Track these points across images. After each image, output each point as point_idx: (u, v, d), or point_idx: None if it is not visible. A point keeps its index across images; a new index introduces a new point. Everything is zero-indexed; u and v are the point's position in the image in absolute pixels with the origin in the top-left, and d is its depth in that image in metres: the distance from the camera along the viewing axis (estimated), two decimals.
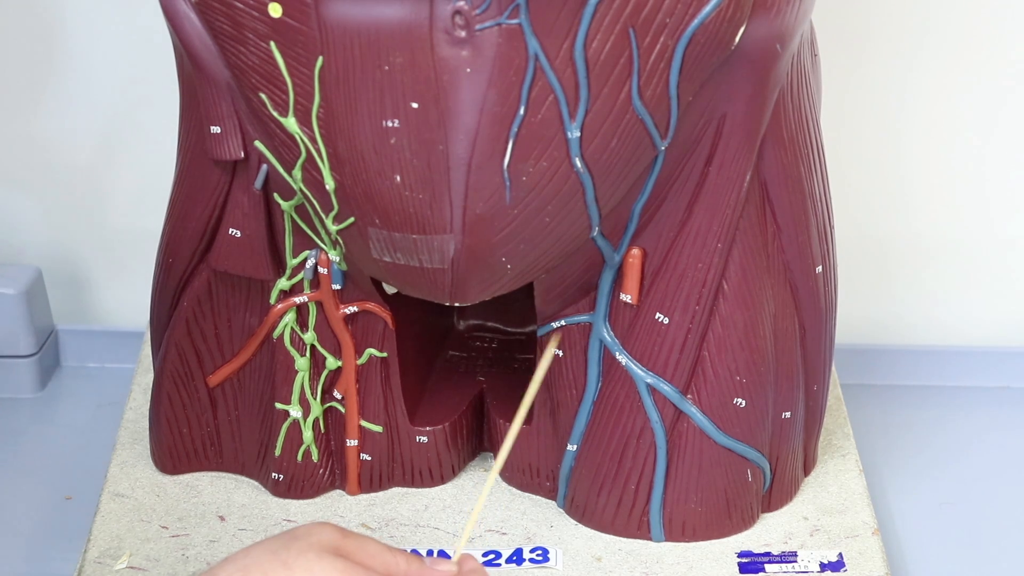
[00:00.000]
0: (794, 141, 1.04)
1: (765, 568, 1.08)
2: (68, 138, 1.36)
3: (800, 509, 1.13)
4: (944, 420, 1.31)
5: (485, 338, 1.22)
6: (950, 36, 1.31)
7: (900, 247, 1.38)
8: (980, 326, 1.39)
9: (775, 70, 1.00)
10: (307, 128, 0.99)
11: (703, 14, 0.95)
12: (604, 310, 1.07)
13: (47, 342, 1.35)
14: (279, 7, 0.95)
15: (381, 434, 1.13)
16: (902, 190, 1.36)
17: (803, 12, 0.99)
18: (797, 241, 1.06)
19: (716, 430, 1.07)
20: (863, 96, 1.33)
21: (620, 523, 1.10)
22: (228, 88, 1.02)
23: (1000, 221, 1.37)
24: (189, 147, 1.07)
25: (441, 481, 1.15)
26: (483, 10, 0.93)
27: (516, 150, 0.97)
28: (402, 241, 1.00)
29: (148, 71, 1.33)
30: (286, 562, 0.90)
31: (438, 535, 1.10)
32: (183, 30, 1.01)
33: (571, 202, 0.99)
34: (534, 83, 0.95)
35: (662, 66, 0.96)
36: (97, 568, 1.07)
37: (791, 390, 1.09)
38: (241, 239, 1.07)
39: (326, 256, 1.07)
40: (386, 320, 1.10)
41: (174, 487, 1.15)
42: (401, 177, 0.98)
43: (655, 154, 1.00)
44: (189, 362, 1.12)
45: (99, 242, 1.40)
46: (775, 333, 1.07)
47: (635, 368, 1.06)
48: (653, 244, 1.05)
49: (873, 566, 1.08)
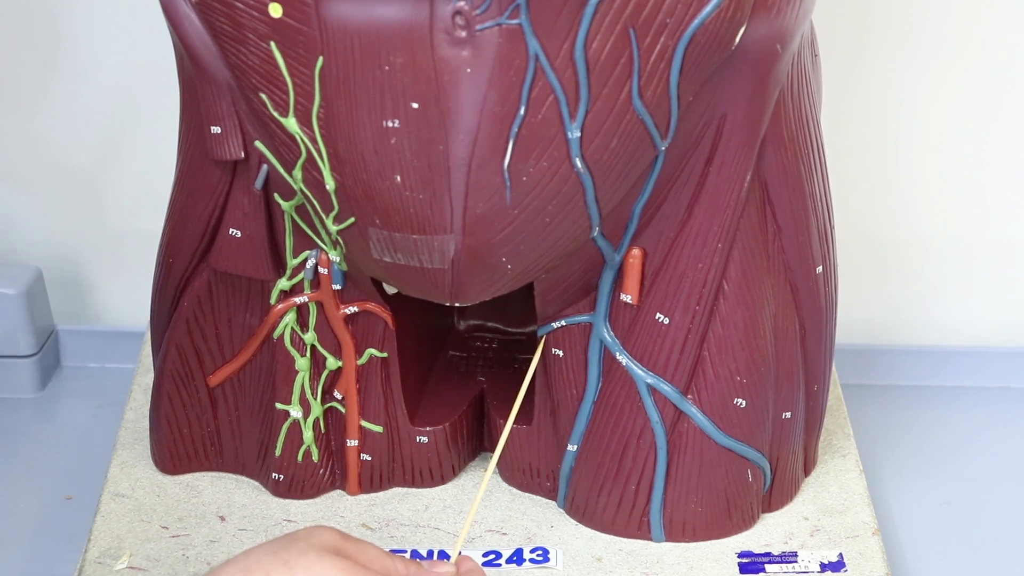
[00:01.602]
0: (794, 141, 1.04)
1: (765, 568, 1.08)
2: (68, 138, 1.37)
3: (800, 509, 1.13)
4: (944, 420, 1.31)
5: (485, 338, 1.22)
6: (950, 36, 1.31)
7: (900, 247, 1.38)
8: (980, 326, 1.39)
9: (775, 70, 1.00)
10: (307, 128, 0.99)
11: (703, 14, 0.95)
12: (604, 310, 1.07)
13: (47, 342, 1.35)
14: (279, 7, 0.95)
15: (381, 434, 1.13)
16: (902, 190, 1.36)
17: (803, 12, 0.99)
18: (797, 241, 1.06)
19: (716, 430, 1.07)
20: (863, 96, 1.33)
21: (620, 523, 1.10)
22: (228, 88, 1.02)
23: (1000, 221, 1.37)
24: (189, 147, 1.07)
25: (441, 481, 1.15)
26: (483, 10, 0.93)
27: (516, 150, 0.97)
28: (402, 241, 1.00)
29: (148, 71, 1.33)
30: (287, 561, 0.91)
31: (438, 535, 1.10)
32: (183, 30, 1.01)
33: (571, 202, 0.99)
34: (534, 83, 0.95)
35: (662, 66, 0.96)
36: (97, 568, 1.07)
37: (791, 390, 1.09)
38: (241, 239, 1.07)
39: (326, 256, 1.07)
40: (386, 320, 1.10)
41: (174, 487, 1.15)
42: (401, 177, 0.98)
43: (655, 154, 1.00)
44: (189, 362, 1.12)
45: (99, 242, 1.40)
46: (775, 333, 1.07)
47: (635, 368, 1.06)
48: (653, 244, 1.05)
49: (873, 566, 1.08)
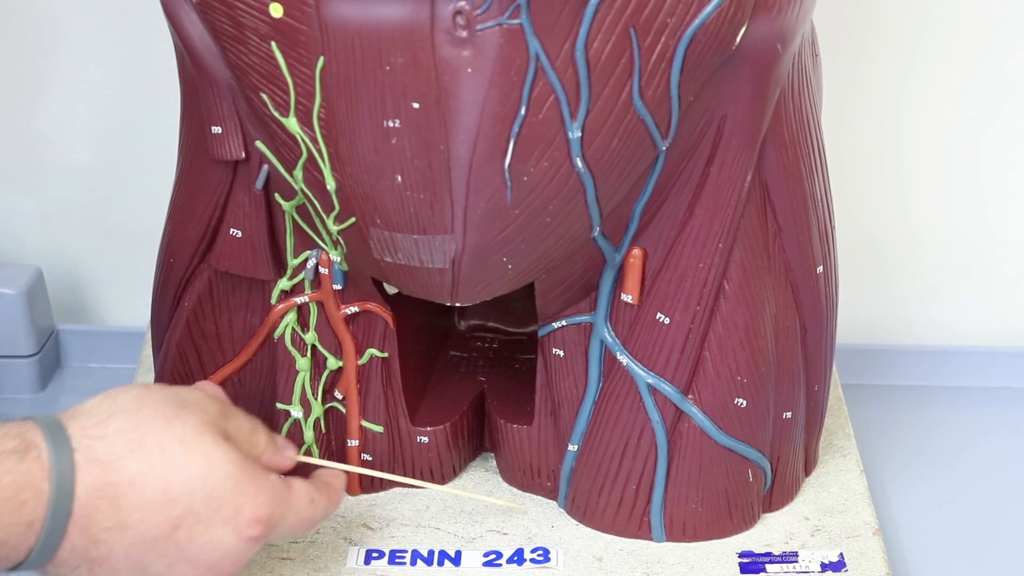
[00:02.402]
0: (795, 141, 1.04)
1: (766, 568, 1.08)
2: (68, 138, 1.36)
3: (801, 509, 1.13)
4: (945, 420, 1.31)
5: (486, 338, 1.22)
6: (950, 36, 1.31)
7: (900, 247, 1.38)
8: (980, 326, 1.39)
9: (776, 70, 1.00)
10: (308, 128, 0.99)
11: (704, 14, 0.95)
12: (605, 310, 1.07)
13: (48, 342, 1.35)
14: (280, 7, 0.95)
15: (382, 434, 1.12)
16: (902, 190, 1.36)
17: (804, 12, 0.99)
18: (798, 241, 1.06)
19: (717, 430, 1.07)
20: (864, 96, 1.33)
21: (621, 523, 1.10)
22: (229, 88, 1.02)
23: (1000, 221, 1.37)
24: (190, 147, 1.07)
25: (442, 481, 1.15)
26: (484, 10, 0.93)
27: (517, 150, 0.96)
28: (403, 241, 1.00)
29: (148, 71, 1.33)
30: (183, 440, 0.91)
31: (439, 535, 1.10)
32: (184, 30, 1.01)
33: (572, 202, 0.99)
34: (535, 83, 0.95)
35: (663, 66, 0.96)
36: None
37: (792, 390, 1.09)
38: (242, 239, 1.07)
39: (327, 256, 1.07)
40: (387, 320, 1.10)
41: None
42: (402, 177, 0.98)
43: (656, 154, 1.00)
44: (190, 362, 1.12)
45: (99, 242, 1.40)
46: (776, 333, 1.07)
47: (636, 368, 1.06)
48: (654, 244, 1.05)
49: (874, 566, 1.08)
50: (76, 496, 0.89)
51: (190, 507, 0.92)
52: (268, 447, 0.99)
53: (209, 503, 0.92)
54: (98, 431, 0.91)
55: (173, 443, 0.91)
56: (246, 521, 0.94)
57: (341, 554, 1.08)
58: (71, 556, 0.90)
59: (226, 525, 0.93)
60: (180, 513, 0.91)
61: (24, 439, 0.89)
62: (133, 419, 0.91)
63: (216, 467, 0.92)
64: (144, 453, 0.91)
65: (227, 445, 0.94)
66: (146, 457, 0.91)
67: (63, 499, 0.89)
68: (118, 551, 0.91)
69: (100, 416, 0.92)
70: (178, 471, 0.91)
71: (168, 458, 0.91)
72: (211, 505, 0.92)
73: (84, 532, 0.90)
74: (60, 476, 0.89)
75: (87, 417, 0.92)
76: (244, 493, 0.94)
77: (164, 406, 0.93)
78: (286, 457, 1.01)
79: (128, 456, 0.90)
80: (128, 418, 0.91)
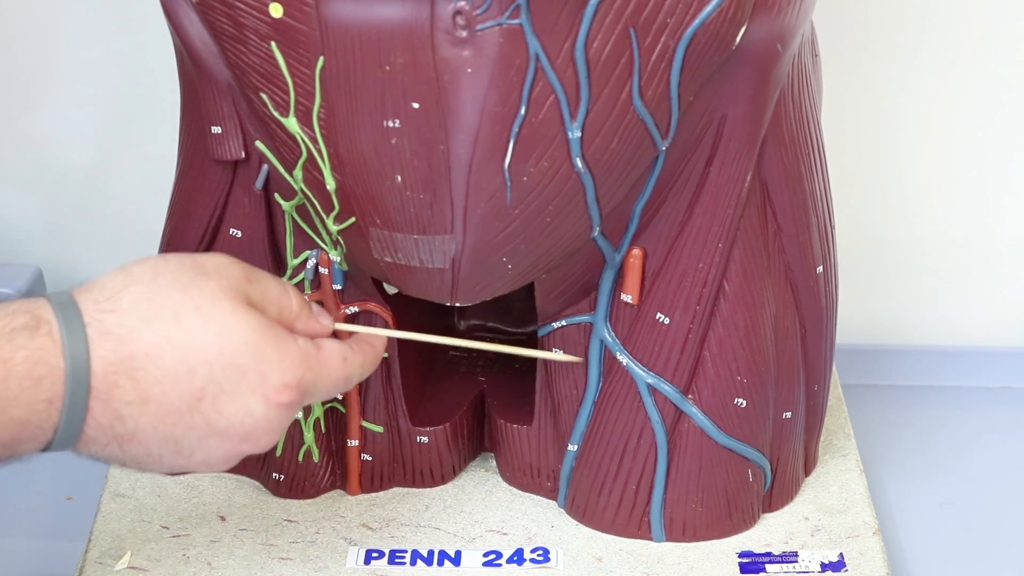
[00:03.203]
0: (795, 141, 1.04)
1: (766, 568, 1.08)
2: (68, 138, 1.36)
3: (801, 509, 1.13)
4: (944, 420, 1.31)
5: (486, 338, 1.22)
6: (950, 36, 1.31)
7: (900, 247, 1.38)
8: (980, 326, 1.39)
9: (776, 70, 1.00)
10: (308, 128, 0.99)
11: (704, 14, 0.95)
12: (605, 310, 1.07)
13: None
14: (280, 7, 0.95)
15: (382, 434, 1.13)
16: (902, 190, 1.36)
17: (804, 12, 0.99)
18: (798, 241, 1.06)
19: (717, 430, 1.07)
20: (864, 96, 1.33)
21: (621, 523, 1.10)
22: (229, 88, 1.02)
23: (1000, 221, 1.37)
24: (189, 147, 1.07)
25: (442, 481, 1.15)
26: (484, 10, 0.93)
27: (517, 150, 0.96)
28: (403, 241, 1.00)
29: (148, 71, 1.33)
30: (199, 307, 0.88)
31: (439, 535, 1.10)
32: (184, 30, 1.01)
33: (572, 202, 0.99)
34: (535, 83, 0.95)
35: (663, 66, 0.96)
36: (98, 568, 1.07)
37: (792, 390, 1.09)
38: (242, 239, 1.07)
39: (327, 256, 1.07)
40: (387, 320, 1.10)
41: (175, 487, 1.15)
42: (402, 177, 0.98)
43: (656, 154, 1.00)
44: None
45: (99, 242, 1.40)
46: (776, 333, 1.07)
47: (636, 368, 1.06)
48: (654, 244, 1.05)
49: (874, 566, 1.08)
50: (92, 370, 0.85)
51: (211, 376, 0.87)
52: (303, 311, 0.94)
53: (230, 372, 0.88)
54: (111, 304, 0.87)
55: (188, 311, 0.87)
56: (274, 388, 0.89)
57: (341, 554, 1.08)
58: (98, 433, 0.87)
59: (253, 393, 0.88)
60: (202, 383, 0.87)
61: (34, 315, 0.86)
62: (147, 289, 0.87)
63: (234, 334, 0.88)
64: (159, 323, 0.86)
65: (247, 311, 0.89)
66: (161, 327, 0.86)
67: (79, 373, 0.85)
68: (145, 426, 0.87)
69: (114, 289, 0.88)
70: (194, 340, 0.87)
71: (183, 327, 0.87)
72: (233, 374, 0.88)
73: (106, 407, 0.86)
74: (73, 350, 0.85)
75: (100, 291, 0.88)
76: (267, 359, 0.89)
77: (180, 274, 0.88)
78: (322, 324, 0.96)
79: (142, 327, 0.86)
80: (142, 289, 0.87)
